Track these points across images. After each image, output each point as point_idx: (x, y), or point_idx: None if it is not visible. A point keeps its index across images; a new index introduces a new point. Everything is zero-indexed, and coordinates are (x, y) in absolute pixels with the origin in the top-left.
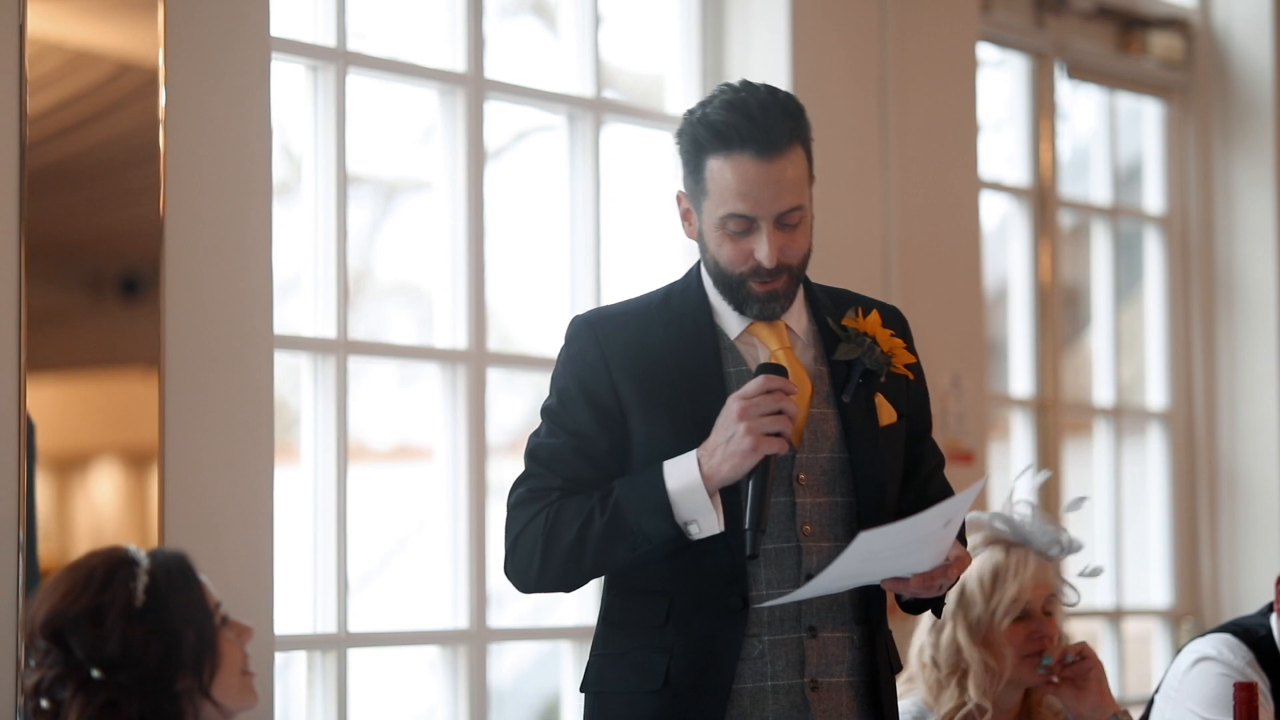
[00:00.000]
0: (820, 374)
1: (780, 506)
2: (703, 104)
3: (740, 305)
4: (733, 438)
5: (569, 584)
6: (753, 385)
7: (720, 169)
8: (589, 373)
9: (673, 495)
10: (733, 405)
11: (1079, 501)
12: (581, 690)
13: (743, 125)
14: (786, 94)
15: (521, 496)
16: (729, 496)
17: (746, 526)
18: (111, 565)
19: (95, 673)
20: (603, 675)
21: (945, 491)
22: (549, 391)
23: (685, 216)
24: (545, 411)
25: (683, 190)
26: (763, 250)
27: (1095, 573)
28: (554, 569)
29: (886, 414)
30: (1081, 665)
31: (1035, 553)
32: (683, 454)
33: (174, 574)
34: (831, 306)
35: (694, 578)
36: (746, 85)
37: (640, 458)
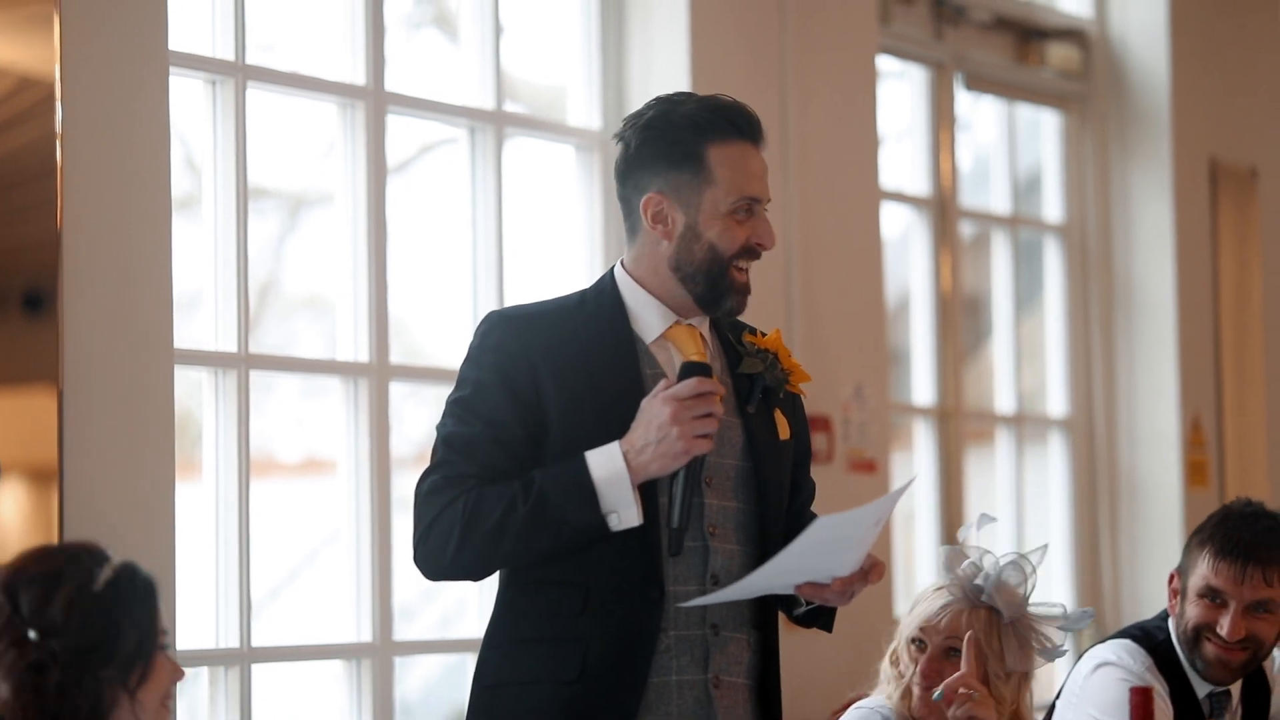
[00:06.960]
0: (726, 384)
1: (691, 506)
2: (676, 103)
3: (718, 297)
4: (665, 439)
5: (481, 571)
6: (686, 388)
7: (729, 155)
8: (510, 363)
9: (598, 484)
10: (666, 407)
11: (984, 519)
12: (476, 683)
13: (744, 114)
14: None
15: (436, 483)
16: (644, 491)
17: (674, 525)
18: (84, 549)
19: (32, 633)
20: (505, 667)
21: None
22: (457, 384)
23: (658, 219)
24: (456, 402)
25: (659, 192)
26: (767, 230)
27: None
28: (469, 555)
29: (783, 429)
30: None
31: (961, 598)
32: (602, 446)
33: (138, 582)
34: (728, 326)
35: (612, 569)
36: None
37: (555, 453)
